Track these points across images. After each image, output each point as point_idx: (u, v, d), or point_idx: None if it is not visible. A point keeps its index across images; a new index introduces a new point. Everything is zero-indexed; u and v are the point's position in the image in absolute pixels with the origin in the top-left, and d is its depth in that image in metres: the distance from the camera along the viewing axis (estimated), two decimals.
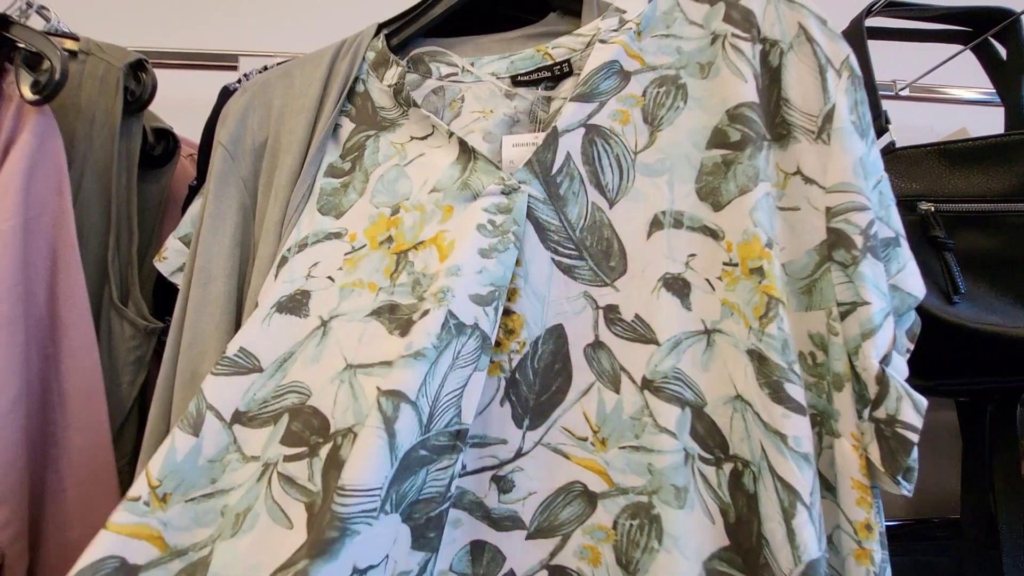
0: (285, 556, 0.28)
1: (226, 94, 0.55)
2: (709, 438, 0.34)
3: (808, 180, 0.36)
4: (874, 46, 0.72)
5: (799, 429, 0.32)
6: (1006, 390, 0.55)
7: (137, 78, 0.50)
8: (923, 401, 0.31)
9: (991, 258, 0.51)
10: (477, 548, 0.35)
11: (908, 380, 0.52)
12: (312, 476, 0.31)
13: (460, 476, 0.34)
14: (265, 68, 0.55)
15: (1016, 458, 0.55)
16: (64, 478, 0.42)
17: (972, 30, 0.69)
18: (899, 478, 0.31)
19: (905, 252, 0.37)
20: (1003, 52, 0.68)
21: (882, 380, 0.31)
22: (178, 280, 0.46)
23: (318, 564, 0.27)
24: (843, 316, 0.33)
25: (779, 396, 0.32)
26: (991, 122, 0.72)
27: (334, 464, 0.31)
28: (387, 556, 0.30)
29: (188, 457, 0.31)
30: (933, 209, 0.53)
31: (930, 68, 0.77)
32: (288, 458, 0.32)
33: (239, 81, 0.56)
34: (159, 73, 0.54)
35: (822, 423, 0.34)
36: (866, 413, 0.31)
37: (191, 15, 0.87)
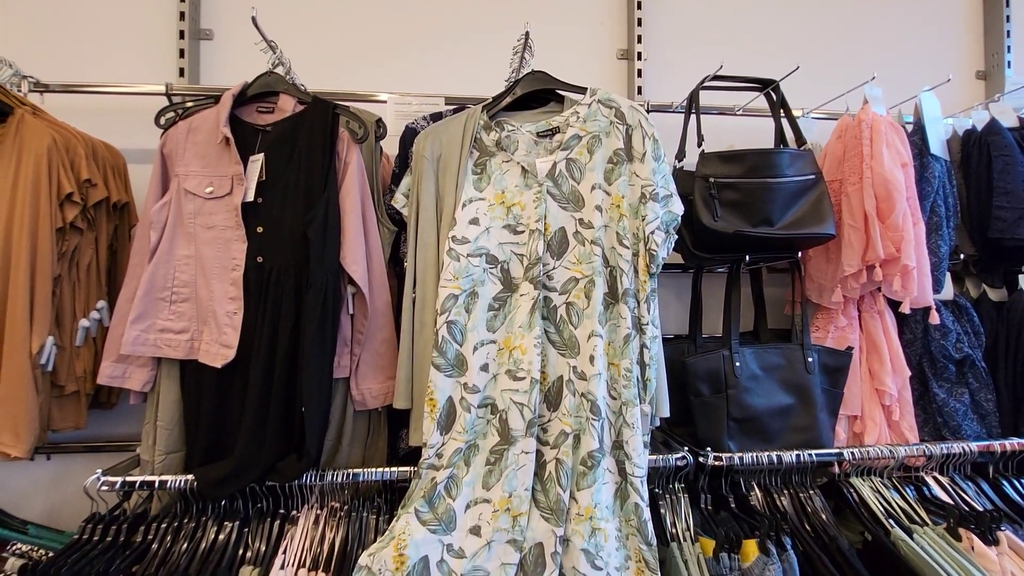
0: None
1: (409, 129, 1.23)
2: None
3: (637, 175, 1.07)
4: (719, 94, 1.41)
5: (627, 255, 1.04)
6: (736, 259, 1.27)
7: (379, 125, 1.19)
8: (659, 240, 1.03)
9: (735, 201, 1.22)
10: (543, 302, 1.07)
11: (698, 252, 1.28)
12: (501, 274, 1.06)
13: (546, 285, 1.05)
14: (425, 117, 1.24)
15: (738, 292, 1.28)
16: (375, 298, 1.14)
17: (762, 86, 1.38)
18: (653, 272, 1.04)
19: (675, 198, 1.08)
20: (775, 97, 1.37)
21: (647, 238, 1.03)
22: (404, 210, 1.17)
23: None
24: (643, 219, 1.05)
25: (623, 244, 1.05)
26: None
27: (503, 273, 1.06)
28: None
29: (463, 263, 1.04)
30: (713, 180, 1.23)
31: (747, 102, 1.46)
32: (489, 270, 1.05)
33: (414, 122, 1.24)
34: None
35: (636, 254, 1.06)
36: (644, 248, 1.04)
37: (349, 68, 1.52)
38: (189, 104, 1.23)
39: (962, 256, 1.38)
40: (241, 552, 1.00)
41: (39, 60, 1.43)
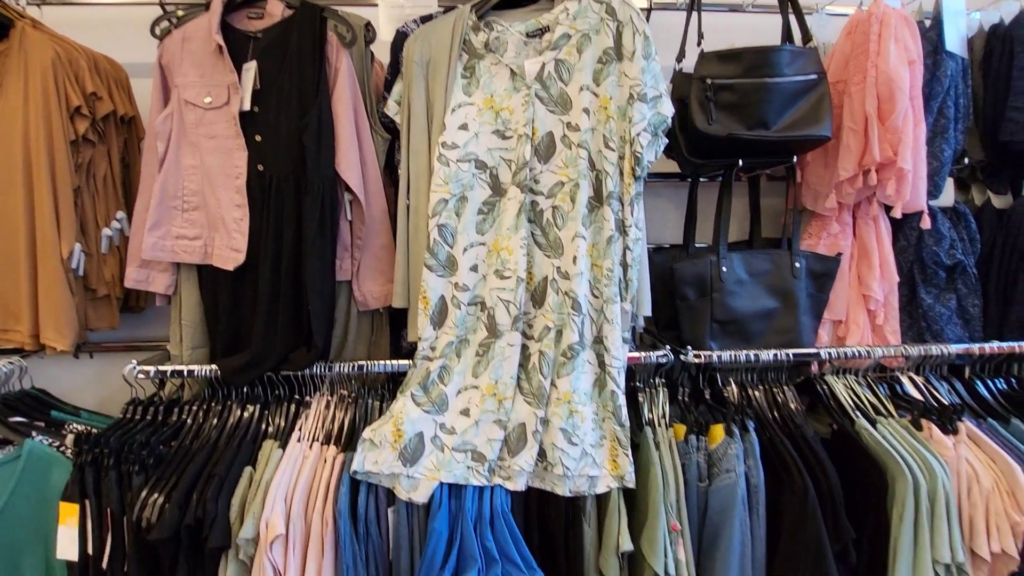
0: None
1: (400, 34, 1.22)
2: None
3: (626, 75, 1.06)
4: None
5: (613, 157, 1.06)
6: (730, 164, 1.27)
7: (368, 29, 1.18)
8: (644, 143, 1.04)
9: (732, 103, 1.20)
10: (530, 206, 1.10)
11: (692, 158, 1.28)
12: (490, 180, 1.09)
13: (533, 189, 1.09)
14: (416, 20, 1.22)
15: (729, 198, 1.29)
16: (371, 205, 1.19)
17: None
18: (638, 175, 1.05)
19: (665, 99, 1.07)
20: None
21: (633, 140, 1.04)
22: (396, 117, 1.18)
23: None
24: (630, 121, 1.05)
25: (609, 147, 1.06)
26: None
27: (492, 178, 1.09)
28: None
29: (452, 168, 1.07)
30: (710, 81, 1.20)
31: None
32: (478, 176, 1.08)
33: (404, 26, 1.22)
34: None
35: (622, 157, 1.07)
36: (630, 150, 1.05)
37: None
38: (181, 13, 1.23)
39: (967, 160, 1.34)
40: (264, 428, 1.14)
41: None
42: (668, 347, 1.24)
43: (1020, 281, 1.34)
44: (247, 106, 1.15)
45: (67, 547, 1.04)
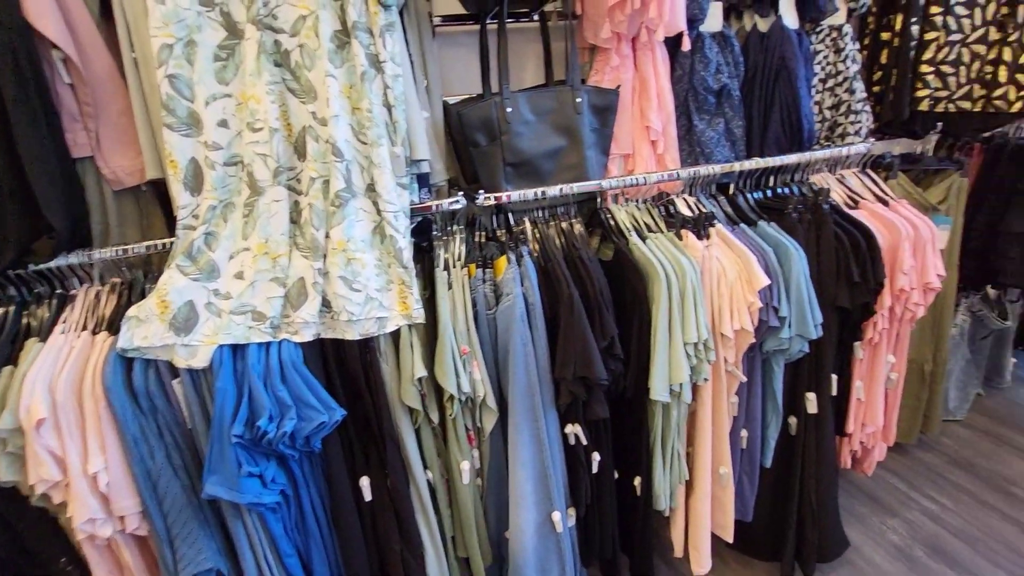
0: None
1: None
2: None
3: None
4: None
5: None
6: None
7: None
8: None
9: None
10: (274, 46, 1.00)
11: None
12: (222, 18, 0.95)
13: (272, 27, 0.97)
14: None
15: (505, 36, 1.26)
16: (91, 62, 1.01)
17: None
18: (385, 2, 0.98)
19: None
20: None
21: None
22: None
23: None
24: None
25: None
26: None
27: (223, 16, 0.95)
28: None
29: (169, 6, 0.93)
30: None
31: None
32: (206, 14, 0.94)
33: None
34: None
35: None
36: None
37: None
38: None
39: None
40: (24, 325, 1.04)
41: None
42: (460, 192, 1.26)
43: (777, 100, 1.49)
44: None
45: None
